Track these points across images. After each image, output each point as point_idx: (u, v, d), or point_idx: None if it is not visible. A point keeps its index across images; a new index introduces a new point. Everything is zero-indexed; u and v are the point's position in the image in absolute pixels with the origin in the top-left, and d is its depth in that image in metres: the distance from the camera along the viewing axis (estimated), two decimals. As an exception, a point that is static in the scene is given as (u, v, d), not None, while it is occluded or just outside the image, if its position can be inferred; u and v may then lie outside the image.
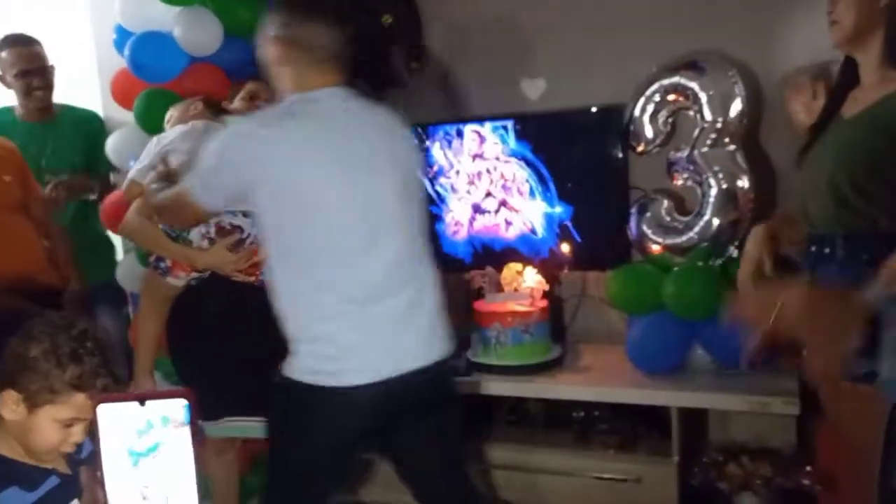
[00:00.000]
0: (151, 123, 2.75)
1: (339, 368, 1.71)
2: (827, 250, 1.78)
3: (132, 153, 2.74)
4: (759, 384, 2.29)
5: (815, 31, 1.84)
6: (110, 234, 3.08)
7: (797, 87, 2.27)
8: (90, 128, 3.10)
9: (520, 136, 2.79)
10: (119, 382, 1.33)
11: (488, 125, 2.82)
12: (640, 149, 2.64)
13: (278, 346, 1.92)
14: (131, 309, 3.11)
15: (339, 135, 1.72)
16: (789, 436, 2.35)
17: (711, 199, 2.48)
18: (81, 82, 3.11)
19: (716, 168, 2.47)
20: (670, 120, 2.59)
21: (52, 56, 2.98)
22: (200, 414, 2.02)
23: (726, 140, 2.47)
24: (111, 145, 2.85)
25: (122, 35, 2.80)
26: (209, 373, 2.26)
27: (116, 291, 3.02)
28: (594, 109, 2.71)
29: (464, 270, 2.87)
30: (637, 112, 2.60)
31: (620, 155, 2.69)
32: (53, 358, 1.26)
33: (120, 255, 3.19)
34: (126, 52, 2.72)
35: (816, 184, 1.77)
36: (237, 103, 2.41)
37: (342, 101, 1.76)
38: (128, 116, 2.87)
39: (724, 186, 2.46)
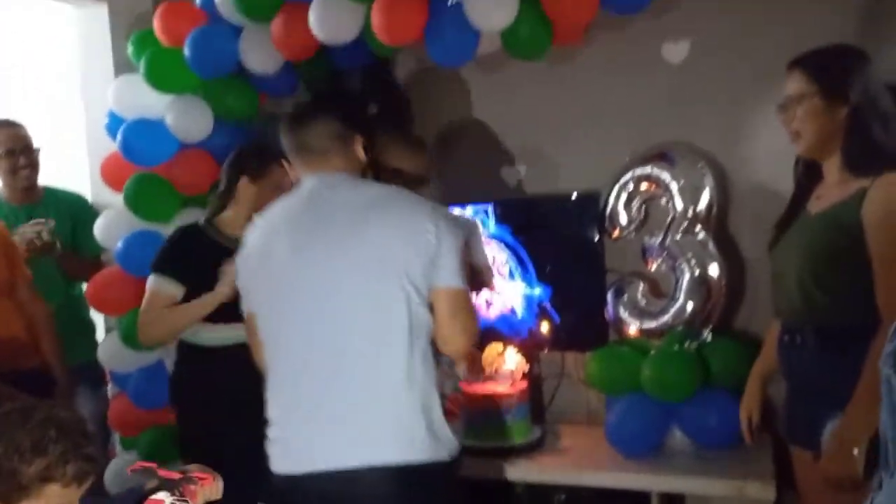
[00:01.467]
0: (140, 206, 2.81)
1: (274, 452, 1.73)
2: (799, 340, 1.86)
3: (119, 234, 2.80)
4: (736, 467, 2.33)
5: (779, 124, 1.92)
6: (92, 313, 3.10)
7: None
8: (76, 210, 3.14)
9: (500, 219, 2.88)
10: (92, 461, 1.33)
11: (470, 209, 2.92)
12: (615, 234, 2.74)
13: None
14: (109, 389, 3.11)
15: (305, 217, 1.74)
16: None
17: (684, 285, 2.57)
18: (71, 165, 3.17)
19: (688, 255, 2.57)
20: (643, 207, 2.70)
21: (45, 139, 3.05)
22: None
23: (697, 228, 2.58)
24: (99, 226, 2.89)
25: (114, 120, 2.88)
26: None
27: (96, 371, 3.02)
28: (572, 196, 2.81)
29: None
30: (612, 199, 2.71)
31: (597, 239, 2.79)
32: (16, 456, 1.25)
33: (100, 335, 3.19)
34: (118, 136, 2.80)
35: (785, 278, 1.87)
36: None
37: (324, 187, 1.76)
38: (116, 199, 2.93)
39: (697, 273, 2.56)
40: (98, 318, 3.20)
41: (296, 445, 1.67)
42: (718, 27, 2.67)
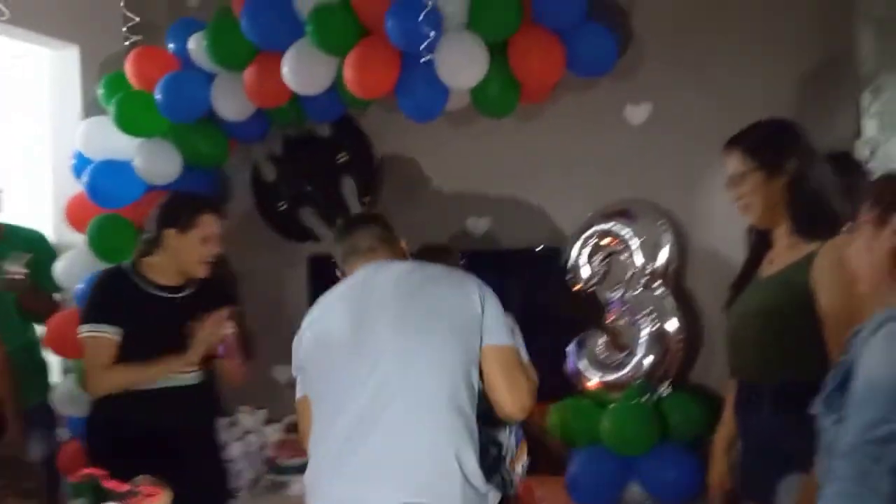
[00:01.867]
0: (103, 247, 2.79)
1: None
2: (754, 399, 1.91)
3: (81, 275, 2.77)
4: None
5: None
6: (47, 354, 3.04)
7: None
8: (35, 247, 3.08)
9: (465, 270, 2.92)
10: (33, 497, 1.33)
11: (435, 259, 2.95)
12: (577, 287, 2.80)
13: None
14: (62, 432, 3.04)
15: (359, 294, 1.80)
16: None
17: (643, 339, 2.63)
18: (35, 204, 3.14)
19: (647, 309, 2.64)
20: (605, 262, 2.77)
21: (11, 178, 3.02)
22: None
23: (656, 284, 2.65)
24: (60, 267, 2.86)
25: (82, 161, 2.88)
26: None
27: (48, 413, 2.95)
28: (536, 249, 2.88)
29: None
30: (575, 253, 2.77)
31: (560, 291, 2.84)
32: None
33: (55, 376, 3.13)
34: (85, 177, 2.79)
35: (740, 339, 1.93)
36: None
37: (374, 270, 1.83)
38: (78, 239, 2.91)
39: (655, 327, 2.63)
40: (53, 360, 3.14)
41: (339, 494, 1.67)
42: (677, 93, 2.78)
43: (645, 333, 2.64)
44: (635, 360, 2.64)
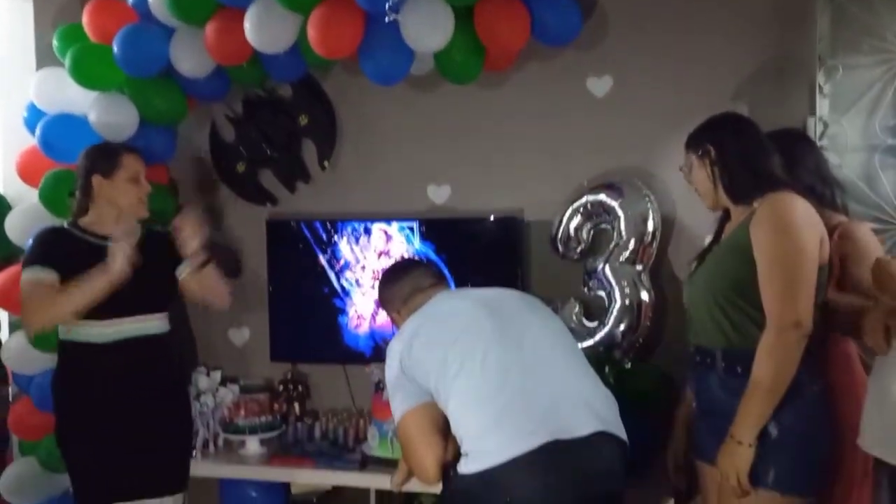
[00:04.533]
0: (55, 202, 2.73)
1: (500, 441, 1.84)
2: (708, 360, 2.00)
3: (31, 230, 2.71)
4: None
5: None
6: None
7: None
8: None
9: (424, 237, 2.93)
10: None
11: (395, 225, 2.96)
12: (562, 253, 2.80)
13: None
14: (11, 390, 3.00)
15: (459, 293, 2.17)
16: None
17: (615, 311, 2.67)
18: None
19: (623, 283, 2.68)
20: (591, 232, 2.77)
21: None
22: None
23: (635, 258, 2.68)
24: (10, 222, 2.80)
25: (34, 114, 2.80)
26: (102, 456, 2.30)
27: (-2, 370, 2.91)
28: (492, 217, 2.89)
29: (364, 363, 2.93)
30: (564, 221, 2.76)
31: (516, 258, 2.86)
32: None
33: (3, 332, 3.07)
34: (38, 131, 2.72)
35: (695, 303, 2.03)
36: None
37: (457, 291, 2.22)
38: (29, 193, 2.84)
39: (628, 301, 2.66)
40: (1, 317, 3.08)
41: (543, 427, 1.81)
42: (637, 68, 2.79)
43: (617, 306, 2.67)
44: (605, 330, 2.68)
